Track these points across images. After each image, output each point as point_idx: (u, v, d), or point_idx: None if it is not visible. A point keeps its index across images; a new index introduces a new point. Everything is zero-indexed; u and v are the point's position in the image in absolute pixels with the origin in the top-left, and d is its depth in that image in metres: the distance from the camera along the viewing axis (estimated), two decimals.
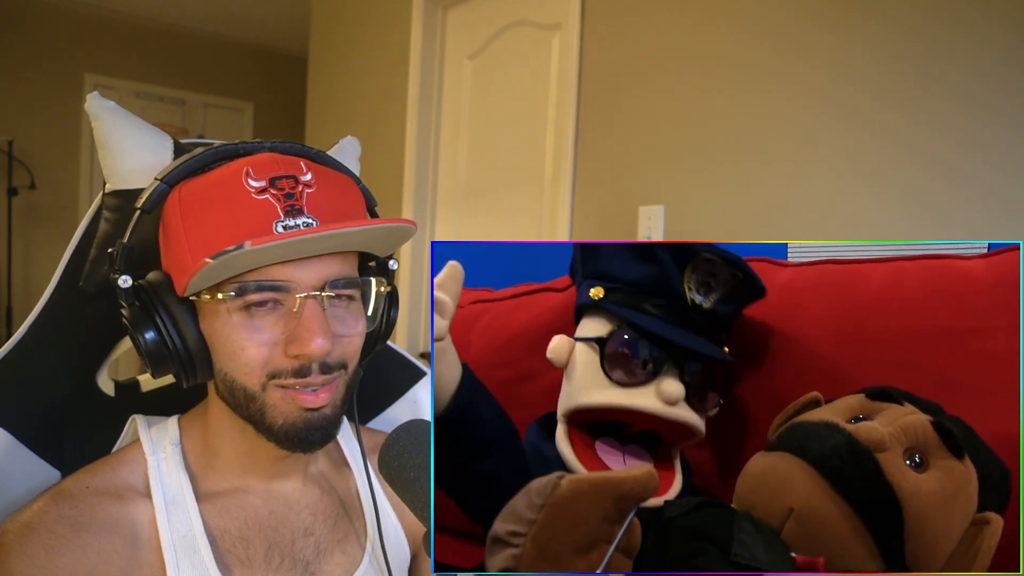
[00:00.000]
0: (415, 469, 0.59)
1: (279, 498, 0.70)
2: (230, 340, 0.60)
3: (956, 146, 1.31)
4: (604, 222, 1.94)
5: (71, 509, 0.60)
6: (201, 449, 0.69)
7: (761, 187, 1.59)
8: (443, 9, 2.56)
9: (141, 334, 0.61)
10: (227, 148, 0.64)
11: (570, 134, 2.01)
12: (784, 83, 1.55)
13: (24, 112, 3.92)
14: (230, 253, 0.54)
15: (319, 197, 0.62)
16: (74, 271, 0.73)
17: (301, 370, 0.61)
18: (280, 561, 0.67)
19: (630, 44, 1.88)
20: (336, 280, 0.62)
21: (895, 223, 1.38)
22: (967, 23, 1.29)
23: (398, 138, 2.59)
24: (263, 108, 4.80)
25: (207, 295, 0.60)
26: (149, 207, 0.62)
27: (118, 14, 4.21)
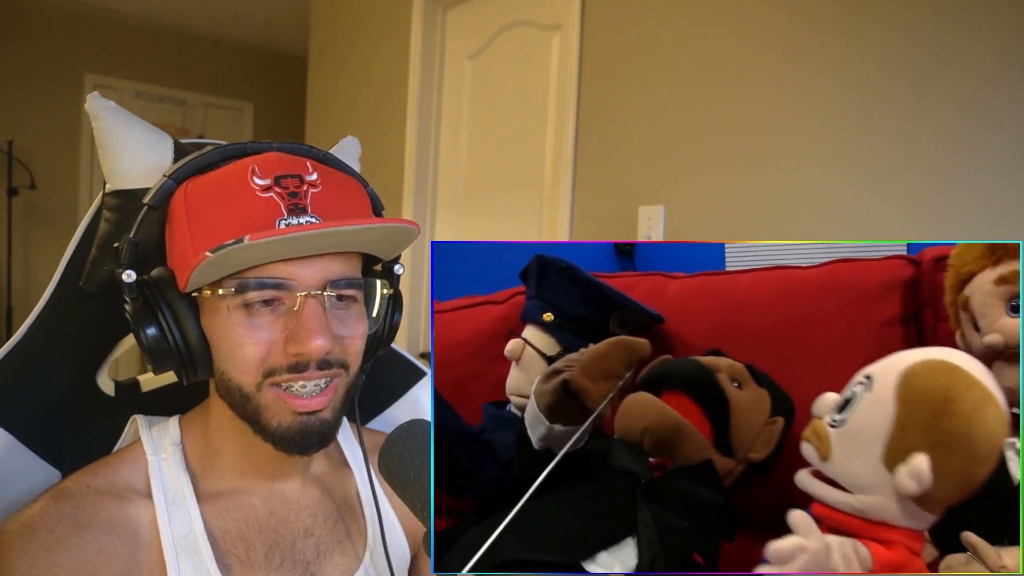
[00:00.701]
0: (415, 469, 0.59)
1: (279, 499, 0.70)
2: (228, 337, 0.61)
3: (956, 146, 1.31)
4: (604, 222, 1.94)
5: (72, 509, 0.60)
6: (202, 449, 0.69)
7: (761, 187, 1.59)
8: (443, 9, 2.56)
9: (143, 329, 0.61)
10: (235, 147, 0.65)
11: (570, 134, 2.01)
12: (784, 83, 1.55)
13: (24, 112, 3.92)
14: (229, 247, 0.54)
15: (324, 197, 0.62)
16: (74, 271, 0.73)
17: (298, 365, 0.61)
18: (280, 562, 0.67)
19: (630, 44, 1.88)
20: (337, 280, 0.62)
21: (895, 223, 1.38)
22: (967, 23, 1.29)
23: (398, 138, 2.59)
24: (263, 108, 4.80)
25: (208, 291, 0.60)
26: (157, 203, 0.62)
27: (118, 14, 4.21)
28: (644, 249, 1.69)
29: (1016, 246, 0.74)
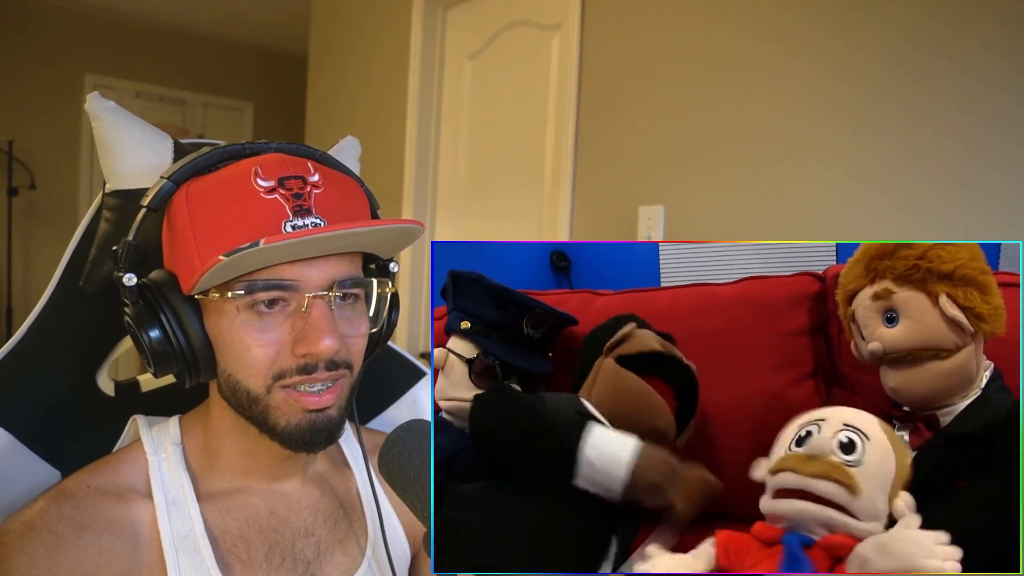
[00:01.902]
0: (415, 469, 0.59)
1: (280, 498, 0.70)
2: (236, 340, 0.61)
3: (956, 146, 1.31)
4: (604, 222, 1.94)
5: (72, 509, 0.60)
6: (202, 449, 0.69)
7: (761, 187, 1.59)
8: (443, 9, 2.56)
9: (145, 332, 0.61)
10: (234, 148, 0.64)
11: (570, 134, 2.01)
12: (784, 83, 1.55)
13: (24, 112, 3.92)
14: (245, 251, 0.54)
15: (326, 198, 0.62)
16: (74, 271, 0.73)
17: (307, 367, 0.61)
18: (281, 561, 0.67)
19: (630, 44, 1.88)
20: (344, 280, 0.62)
21: (895, 223, 1.38)
22: (967, 23, 1.29)
23: (398, 138, 2.59)
24: (263, 108, 4.80)
25: (215, 293, 0.60)
26: (155, 205, 0.62)
27: (118, 14, 4.21)
28: (579, 267, 1.82)
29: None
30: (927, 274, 0.80)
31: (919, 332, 0.80)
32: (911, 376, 0.81)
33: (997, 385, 0.82)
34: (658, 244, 1.76)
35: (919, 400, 0.82)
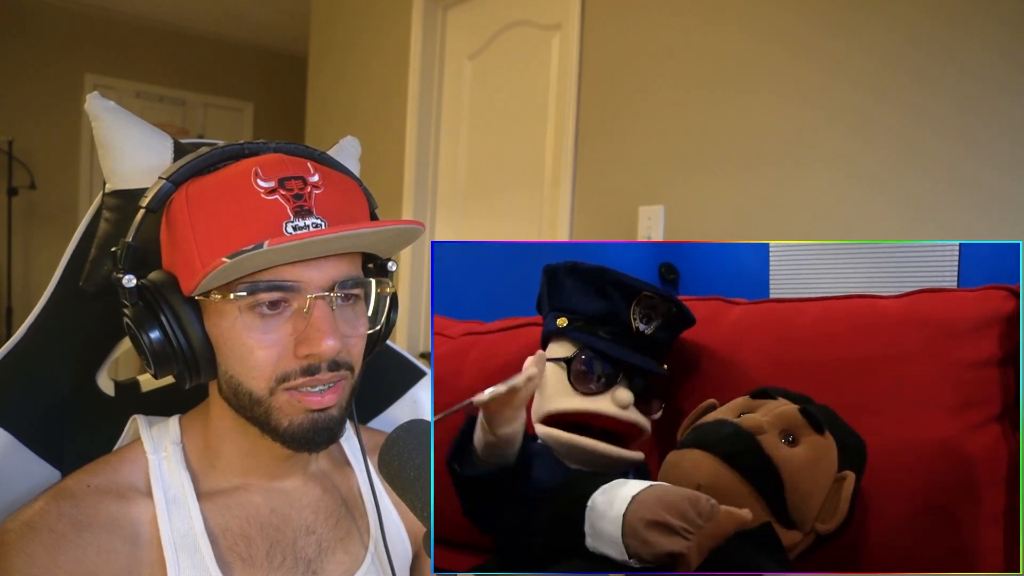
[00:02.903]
0: (415, 469, 0.59)
1: (281, 496, 0.70)
2: (239, 342, 0.61)
3: (956, 146, 1.31)
4: (604, 222, 1.94)
5: (72, 508, 0.60)
6: (202, 449, 0.69)
7: (761, 187, 1.59)
8: (443, 9, 2.56)
9: (145, 334, 0.61)
10: (232, 148, 0.64)
11: (570, 134, 2.01)
12: (784, 83, 1.55)
13: (24, 112, 3.92)
14: (248, 253, 0.54)
15: (326, 198, 0.62)
16: (74, 271, 0.73)
17: (310, 368, 0.61)
18: (282, 560, 0.67)
19: (630, 44, 1.88)
20: (345, 280, 0.63)
21: (895, 223, 1.38)
22: (967, 23, 1.29)
23: (398, 138, 2.59)
24: (263, 108, 4.80)
25: (217, 294, 0.60)
26: (154, 206, 0.62)
27: (118, 14, 4.21)
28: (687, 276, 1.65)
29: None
30: None
31: None
32: None
33: None
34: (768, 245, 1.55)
35: None
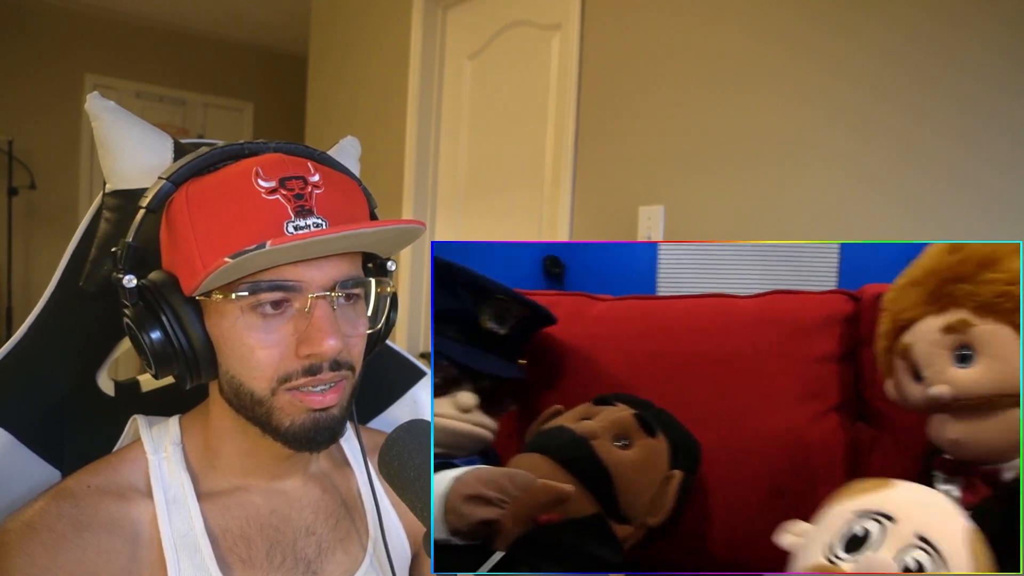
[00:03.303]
0: (415, 469, 0.59)
1: (281, 497, 0.70)
2: (240, 342, 0.60)
3: (956, 146, 1.31)
4: (604, 222, 1.94)
5: (72, 508, 0.60)
6: (202, 449, 0.69)
7: (761, 187, 1.59)
8: (443, 9, 2.56)
9: (146, 334, 0.61)
10: (232, 148, 0.64)
11: (570, 134, 2.01)
12: (784, 83, 1.55)
13: (24, 112, 3.92)
14: (251, 253, 0.54)
15: (327, 198, 0.62)
16: (74, 271, 0.73)
17: (311, 368, 0.61)
18: (282, 560, 0.67)
19: (630, 44, 1.88)
20: (346, 280, 0.63)
21: (895, 223, 1.38)
22: (967, 23, 1.29)
23: (398, 138, 2.59)
24: (263, 108, 4.80)
25: (218, 294, 0.59)
26: (154, 206, 0.62)
27: (118, 14, 4.21)
28: (575, 271, 1.69)
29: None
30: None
31: (1002, 374, 0.65)
32: (981, 427, 0.66)
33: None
34: (657, 244, 1.71)
35: (984, 454, 0.68)
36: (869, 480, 0.61)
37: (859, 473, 0.90)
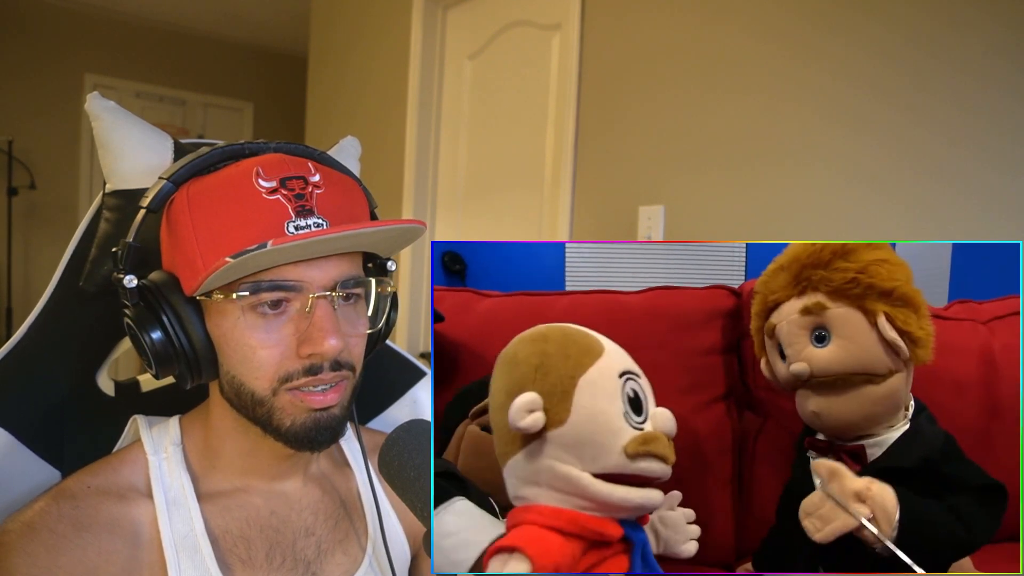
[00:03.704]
0: (415, 469, 0.59)
1: (280, 498, 0.70)
2: (241, 342, 0.60)
3: (956, 147, 1.31)
4: (604, 222, 1.94)
5: (72, 508, 0.60)
6: (203, 449, 0.69)
7: (761, 187, 1.59)
8: (443, 9, 2.56)
9: (147, 334, 0.61)
10: (233, 148, 0.64)
11: (570, 134, 2.01)
12: (784, 84, 1.55)
13: (24, 112, 3.91)
14: (252, 252, 0.54)
15: (327, 198, 0.62)
16: (74, 271, 0.73)
17: (312, 368, 0.61)
18: (281, 561, 0.67)
19: (630, 44, 1.88)
20: (346, 280, 0.63)
21: (895, 223, 1.38)
22: (967, 23, 1.29)
23: (398, 138, 2.59)
24: (263, 108, 4.80)
25: (219, 294, 0.59)
26: (155, 206, 0.62)
27: (118, 14, 4.21)
28: (475, 269, 1.68)
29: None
30: (867, 290, 0.70)
31: (853, 354, 0.71)
32: (837, 402, 0.72)
33: (926, 416, 0.75)
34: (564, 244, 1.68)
35: (842, 428, 0.74)
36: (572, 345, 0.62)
37: (747, 458, 0.96)
